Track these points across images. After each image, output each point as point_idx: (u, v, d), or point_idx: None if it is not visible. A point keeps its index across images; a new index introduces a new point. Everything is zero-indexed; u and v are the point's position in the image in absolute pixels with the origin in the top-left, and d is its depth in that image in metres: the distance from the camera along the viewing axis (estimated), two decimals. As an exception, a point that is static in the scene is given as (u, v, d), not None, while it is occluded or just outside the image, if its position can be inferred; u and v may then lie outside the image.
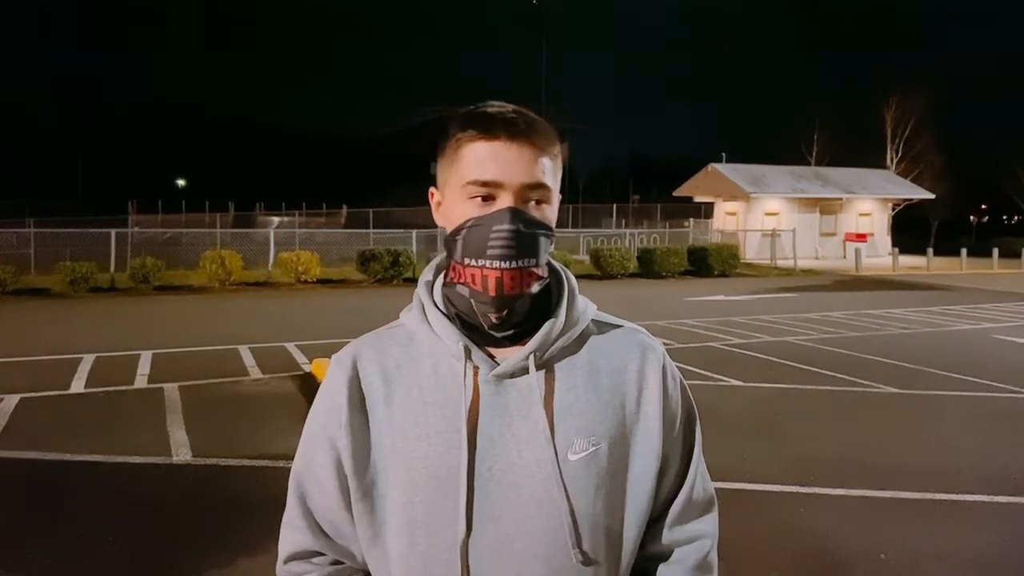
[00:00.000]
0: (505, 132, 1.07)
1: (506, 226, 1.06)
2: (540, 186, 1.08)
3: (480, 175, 1.07)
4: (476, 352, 1.10)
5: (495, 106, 1.11)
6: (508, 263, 1.06)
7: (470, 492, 1.07)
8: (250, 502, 4.79)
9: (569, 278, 1.18)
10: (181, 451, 5.88)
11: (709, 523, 1.22)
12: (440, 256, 1.17)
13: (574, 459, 1.09)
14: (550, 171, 1.10)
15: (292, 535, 1.18)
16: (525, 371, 1.10)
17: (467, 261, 1.08)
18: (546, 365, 1.12)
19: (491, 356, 1.12)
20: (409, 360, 1.14)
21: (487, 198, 1.08)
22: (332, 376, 1.16)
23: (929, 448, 6.15)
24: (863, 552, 4.23)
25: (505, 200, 1.07)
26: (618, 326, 1.21)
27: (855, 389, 8.23)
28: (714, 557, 1.22)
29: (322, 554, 1.17)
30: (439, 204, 1.15)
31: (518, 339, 1.12)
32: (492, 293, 1.07)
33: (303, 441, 1.19)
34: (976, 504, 4.95)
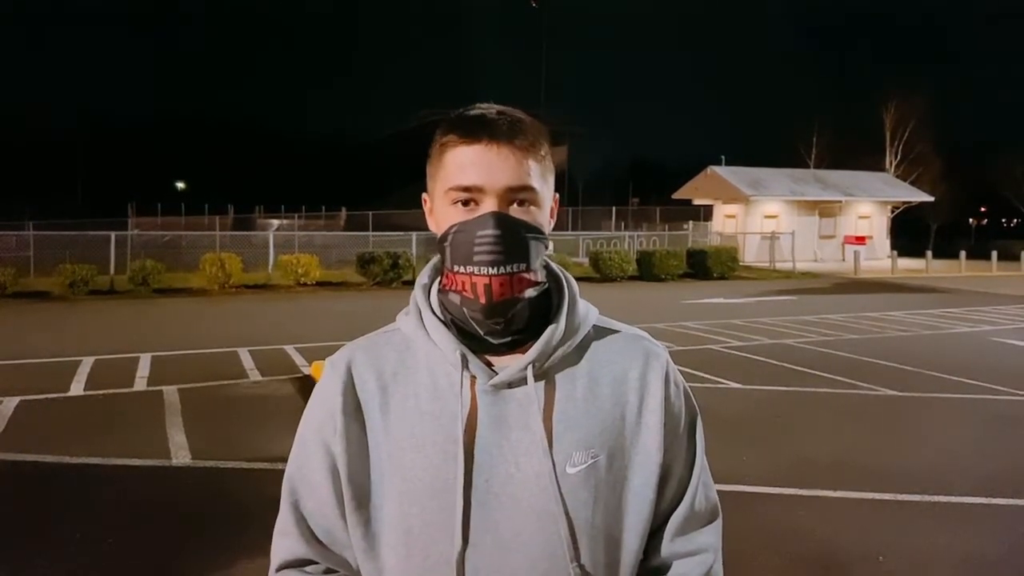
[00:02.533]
0: (486, 135, 1.05)
1: (490, 231, 1.03)
2: (525, 188, 1.05)
3: (461, 180, 1.05)
4: (473, 361, 1.08)
5: (480, 108, 1.09)
6: (496, 269, 1.03)
7: (466, 505, 1.05)
8: (249, 504, 4.79)
9: (570, 282, 1.16)
10: (180, 453, 5.87)
11: (712, 535, 1.19)
12: (436, 258, 1.14)
13: (572, 472, 1.06)
14: (536, 173, 1.07)
15: (285, 542, 1.15)
16: (523, 381, 1.08)
17: (456, 268, 1.06)
18: (545, 375, 1.09)
19: (489, 364, 1.09)
20: (405, 367, 1.12)
21: (470, 203, 1.05)
22: (326, 381, 1.14)
23: (928, 450, 6.15)
24: (862, 554, 4.23)
25: (488, 205, 1.04)
26: (620, 332, 1.18)
27: (854, 392, 8.24)
28: (719, 569, 1.19)
29: (315, 562, 1.14)
30: (431, 210, 1.13)
31: (516, 346, 1.10)
32: (483, 300, 1.04)
33: (296, 446, 1.16)
34: (975, 506, 4.96)
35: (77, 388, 8.08)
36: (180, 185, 65.85)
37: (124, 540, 4.35)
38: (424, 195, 1.15)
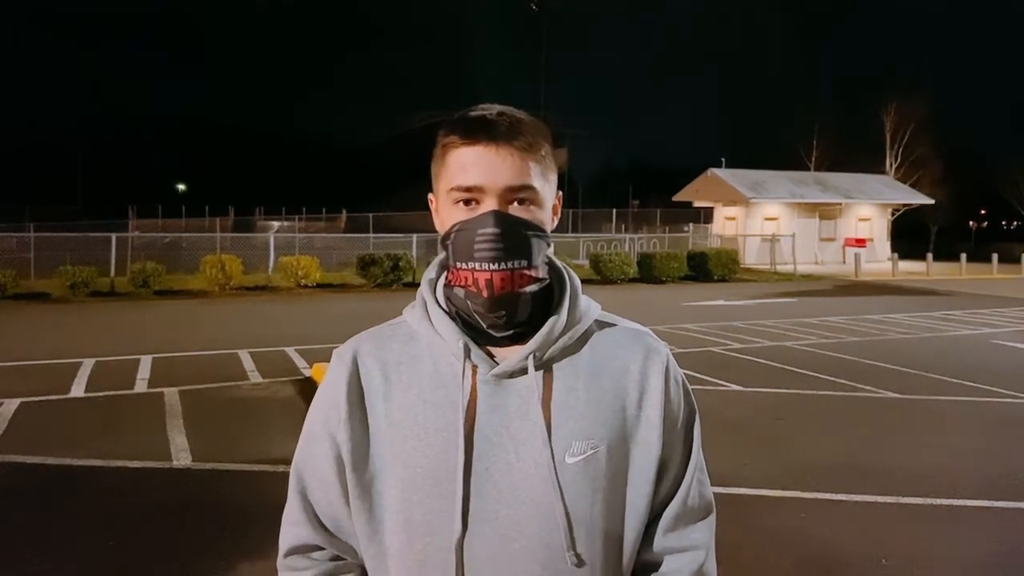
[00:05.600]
0: (486, 136, 1.07)
1: (490, 229, 1.06)
2: (525, 187, 1.08)
3: (462, 181, 1.08)
4: (475, 351, 1.10)
5: (480, 109, 1.11)
6: (497, 265, 1.06)
7: (466, 492, 1.07)
8: (250, 507, 4.79)
9: (572, 278, 1.18)
10: (181, 455, 5.87)
11: (705, 531, 1.20)
12: (443, 254, 1.17)
13: (571, 462, 1.08)
14: (536, 172, 1.10)
15: (292, 529, 1.18)
16: (524, 371, 1.10)
17: (459, 264, 1.09)
18: (546, 365, 1.11)
19: (491, 356, 1.11)
20: (409, 358, 1.14)
21: (471, 202, 1.08)
22: (333, 371, 1.17)
23: (930, 453, 6.14)
24: (864, 557, 4.22)
25: (489, 204, 1.07)
26: (622, 327, 1.20)
27: (855, 394, 8.23)
28: (711, 567, 1.19)
29: (322, 548, 1.17)
30: (436, 209, 1.16)
31: (519, 339, 1.12)
32: (484, 295, 1.07)
33: (304, 436, 1.19)
34: (977, 509, 4.95)
35: (78, 390, 8.08)
36: (181, 187, 65.82)
37: (125, 542, 4.35)
38: (429, 195, 1.18)
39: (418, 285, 1.20)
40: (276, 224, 40.41)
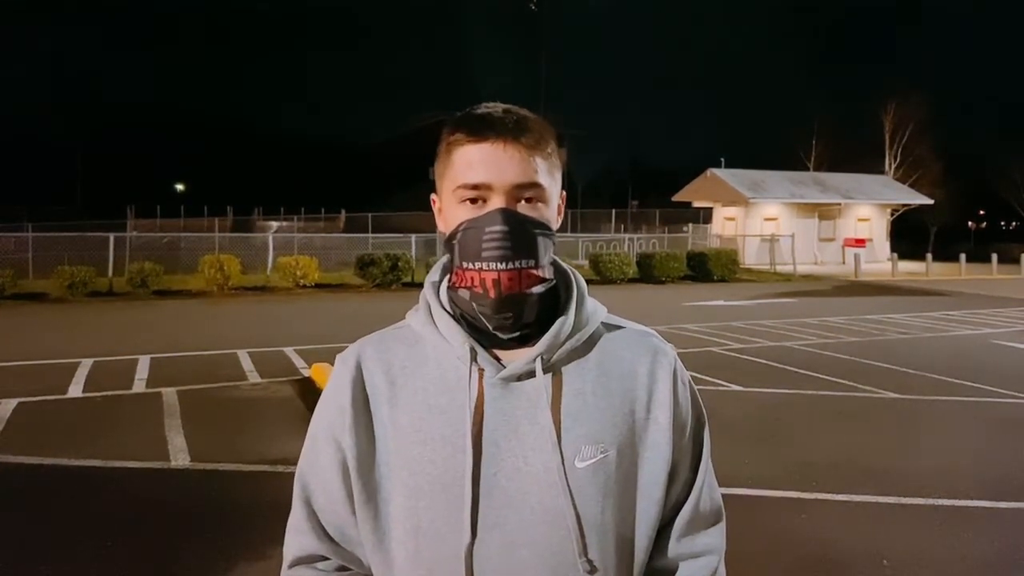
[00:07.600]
0: (493, 133, 1.06)
1: (498, 227, 1.04)
2: (532, 185, 1.07)
3: (469, 178, 1.06)
4: (482, 354, 1.08)
5: (485, 107, 1.10)
6: (505, 264, 1.04)
7: (475, 498, 1.05)
8: (249, 507, 4.77)
9: (578, 280, 1.16)
10: (179, 456, 5.85)
11: (717, 536, 1.19)
12: (446, 256, 1.15)
13: (581, 466, 1.06)
14: (543, 169, 1.08)
15: (297, 538, 1.15)
16: (532, 374, 1.08)
17: (465, 264, 1.07)
18: (553, 368, 1.09)
19: (497, 359, 1.09)
20: (414, 361, 1.12)
21: (478, 200, 1.06)
22: (337, 376, 1.15)
23: (930, 453, 6.13)
24: (865, 558, 4.21)
25: (496, 201, 1.06)
26: (629, 328, 1.18)
27: (855, 394, 8.22)
28: (722, 572, 1.19)
29: (327, 558, 1.14)
30: (440, 210, 1.13)
31: (525, 341, 1.10)
32: (491, 295, 1.05)
33: (308, 442, 1.17)
34: (978, 509, 4.94)
35: (76, 390, 8.06)
36: (179, 187, 65.78)
37: (123, 542, 4.33)
38: (433, 195, 1.16)
39: (417, 285, 1.19)
40: (275, 224, 40.38)
